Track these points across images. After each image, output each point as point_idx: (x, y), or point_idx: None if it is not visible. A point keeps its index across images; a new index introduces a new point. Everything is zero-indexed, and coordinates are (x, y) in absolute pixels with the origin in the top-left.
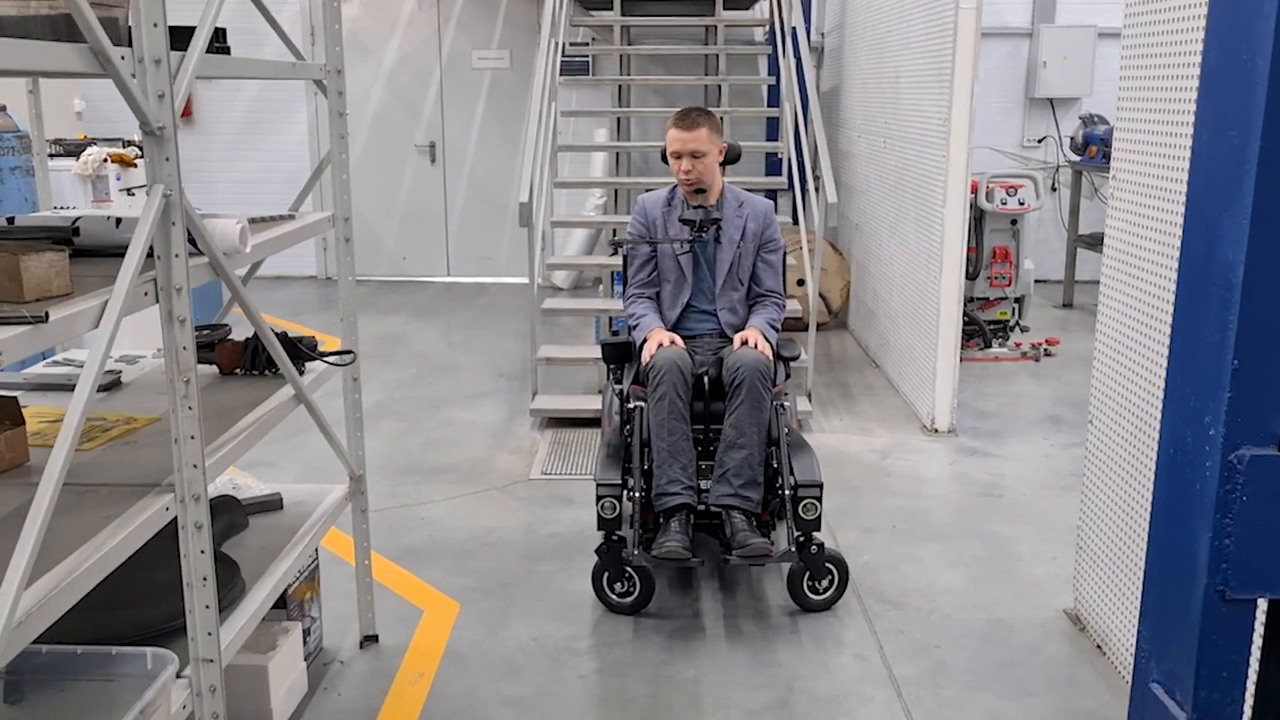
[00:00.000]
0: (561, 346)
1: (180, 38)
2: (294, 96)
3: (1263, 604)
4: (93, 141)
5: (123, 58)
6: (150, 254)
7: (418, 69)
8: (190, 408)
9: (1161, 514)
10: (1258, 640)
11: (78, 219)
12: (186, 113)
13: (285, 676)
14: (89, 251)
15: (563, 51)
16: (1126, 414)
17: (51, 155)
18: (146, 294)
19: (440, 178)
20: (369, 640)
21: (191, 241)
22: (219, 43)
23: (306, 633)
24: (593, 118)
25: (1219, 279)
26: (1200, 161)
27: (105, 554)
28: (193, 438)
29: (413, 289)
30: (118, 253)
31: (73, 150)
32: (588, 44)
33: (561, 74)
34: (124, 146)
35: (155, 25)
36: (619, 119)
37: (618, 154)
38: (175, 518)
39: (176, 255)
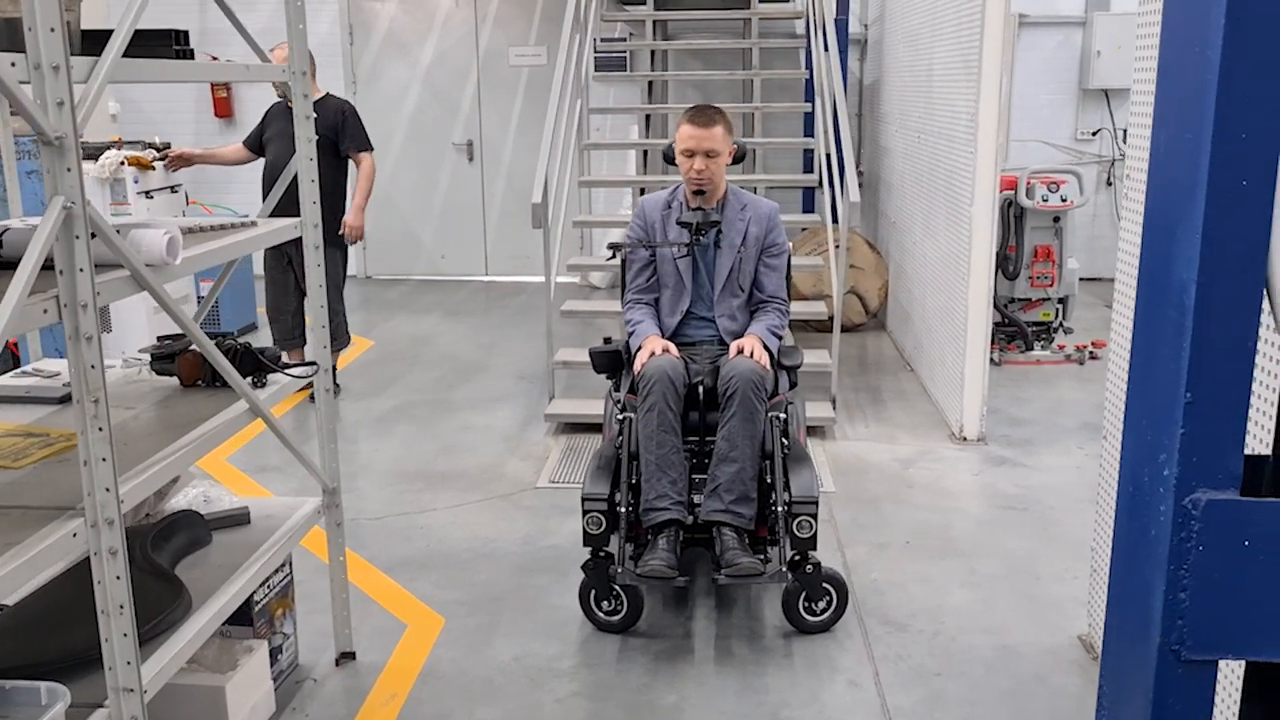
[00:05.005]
0: (580, 349)
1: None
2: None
3: (1235, 665)
4: (125, 144)
5: (13, 64)
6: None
7: (455, 67)
8: (100, 429)
9: (1119, 562)
10: (1230, 703)
11: (4, 230)
12: (227, 113)
13: (248, 697)
14: (16, 263)
15: (595, 47)
16: None
17: None
18: (46, 311)
19: (478, 176)
20: (345, 657)
21: None
22: (178, 44)
23: (278, 650)
24: (630, 114)
25: (1174, 301)
26: (1157, 168)
27: None
28: (104, 460)
29: (450, 288)
30: (48, 265)
31: (93, 153)
32: (624, 39)
33: (597, 69)
34: (143, 149)
35: (53, 30)
36: (647, 115)
37: (646, 151)
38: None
39: (81, 270)
